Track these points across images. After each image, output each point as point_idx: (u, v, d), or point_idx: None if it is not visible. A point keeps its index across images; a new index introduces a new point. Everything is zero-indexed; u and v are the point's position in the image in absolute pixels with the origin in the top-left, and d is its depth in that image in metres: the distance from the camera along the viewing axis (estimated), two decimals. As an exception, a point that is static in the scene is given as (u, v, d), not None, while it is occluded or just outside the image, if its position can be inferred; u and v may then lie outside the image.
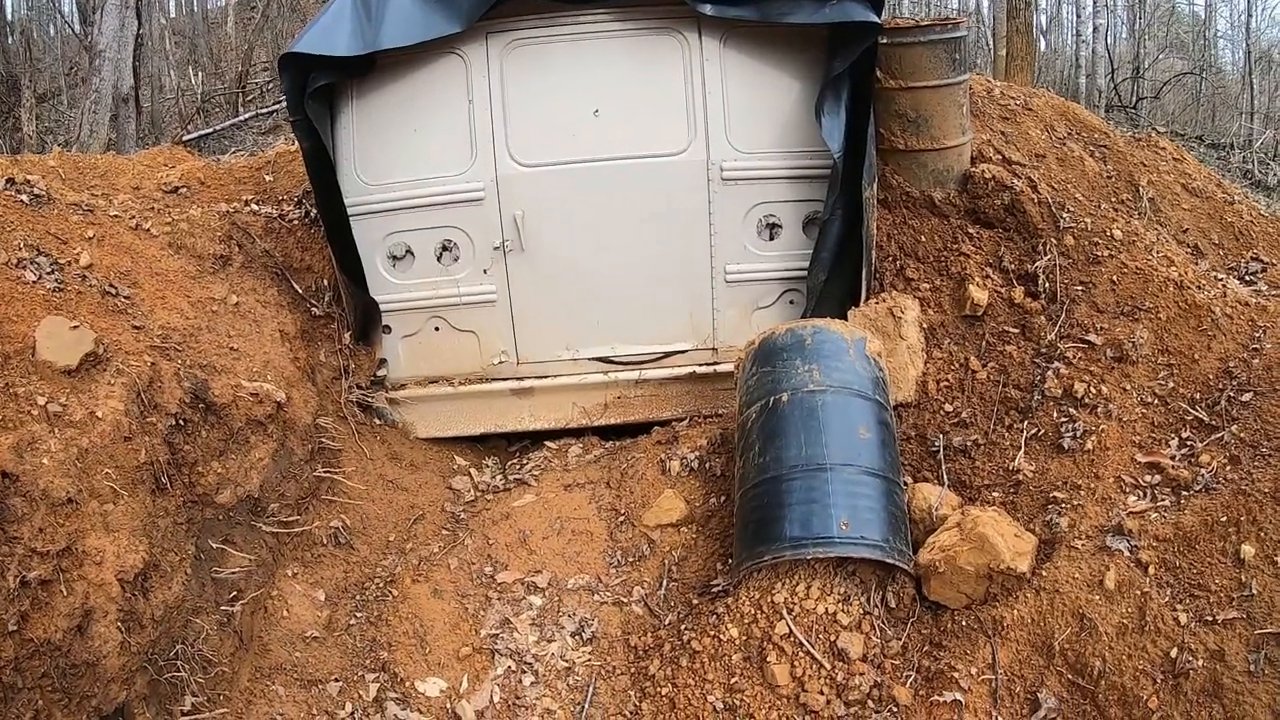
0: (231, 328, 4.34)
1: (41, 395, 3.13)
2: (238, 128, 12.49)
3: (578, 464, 4.94)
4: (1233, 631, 3.00)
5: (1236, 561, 3.16)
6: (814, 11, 4.42)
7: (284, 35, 15.45)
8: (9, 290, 3.40)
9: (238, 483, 3.86)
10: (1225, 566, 3.17)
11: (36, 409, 3.09)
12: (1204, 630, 3.05)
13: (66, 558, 2.96)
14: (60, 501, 2.97)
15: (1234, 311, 4.13)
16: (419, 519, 4.69)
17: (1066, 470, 3.88)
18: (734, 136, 4.80)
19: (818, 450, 3.77)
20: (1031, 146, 5.51)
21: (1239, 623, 3.02)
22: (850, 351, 4.06)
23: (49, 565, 2.88)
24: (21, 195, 4.07)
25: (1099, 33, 13.30)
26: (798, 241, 4.93)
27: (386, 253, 4.98)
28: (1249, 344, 3.95)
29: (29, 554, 2.84)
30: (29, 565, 2.83)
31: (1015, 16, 8.66)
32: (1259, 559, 3.12)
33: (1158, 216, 5.51)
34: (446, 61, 4.75)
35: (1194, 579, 3.20)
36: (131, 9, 10.71)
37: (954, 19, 4.94)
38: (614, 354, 5.13)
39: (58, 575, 2.92)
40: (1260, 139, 13.57)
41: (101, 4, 10.27)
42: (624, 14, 4.67)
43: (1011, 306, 4.64)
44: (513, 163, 4.83)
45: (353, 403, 4.97)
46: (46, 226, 3.95)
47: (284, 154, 6.33)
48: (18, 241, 3.70)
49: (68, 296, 3.58)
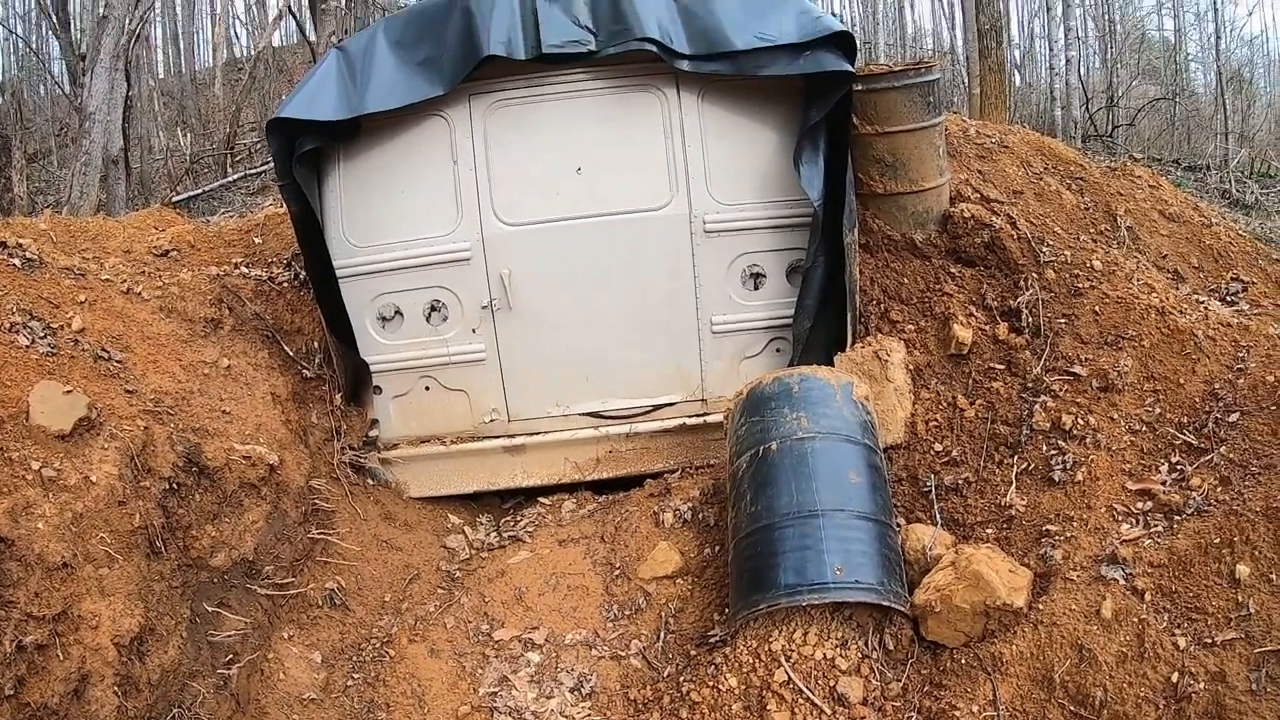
0: (223, 391, 4.37)
1: (36, 460, 3.15)
2: (226, 188, 12.58)
3: (571, 519, 4.93)
4: (1232, 652, 3.00)
5: (1232, 582, 3.17)
6: (789, 63, 4.51)
7: (271, 96, 15.64)
8: (2, 355, 3.43)
9: (232, 546, 3.87)
10: (1221, 587, 3.18)
11: (31, 474, 3.10)
12: (1204, 653, 3.05)
13: (62, 622, 2.97)
14: (56, 566, 2.98)
15: (1217, 333, 4.17)
16: (414, 578, 4.68)
17: (1058, 502, 3.89)
18: (715, 189, 4.86)
19: (809, 497, 3.78)
20: (1009, 183, 5.59)
21: (1238, 643, 3.02)
22: (837, 397, 4.09)
23: (45, 630, 2.89)
24: (13, 259, 4.10)
25: (1072, 64, 13.54)
26: (782, 290, 4.99)
27: (376, 314, 5.02)
28: (1233, 364, 3.99)
29: (25, 619, 2.85)
30: (25, 630, 2.84)
31: (987, 55, 8.82)
32: (1254, 577, 3.13)
33: (1136, 244, 5.58)
34: (431, 124, 4.83)
35: (1191, 602, 3.21)
36: (121, 71, 10.80)
37: (926, 62, 5.03)
38: (604, 409, 5.14)
39: (54, 640, 2.92)
40: (1236, 159, 13.76)
41: (91, 66, 10.35)
42: (603, 72, 4.76)
43: (996, 343, 4.68)
44: (498, 222, 4.89)
45: (345, 464, 4.98)
46: (39, 291, 3.98)
47: (273, 216, 6.39)
48: (10, 306, 3.73)
49: (60, 361, 3.61)
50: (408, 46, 4.66)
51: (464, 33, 4.57)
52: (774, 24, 4.52)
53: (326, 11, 11.30)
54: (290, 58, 19.57)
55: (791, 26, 4.51)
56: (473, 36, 4.53)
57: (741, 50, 4.50)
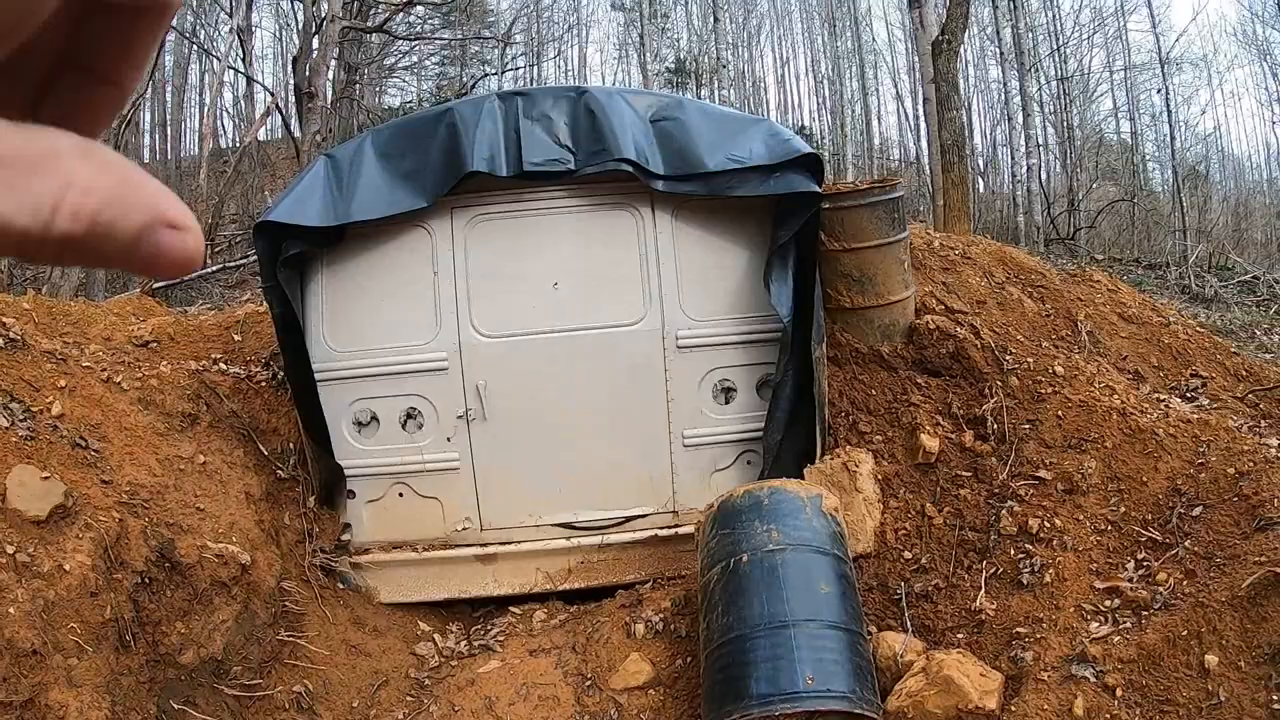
0: (198, 487, 4.36)
1: (10, 544, 3.15)
2: (205, 279, 12.64)
3: (542, 629, 4.89)
4: (1206, 740, 3.03)
5: (1202, 672, 3.22)
6: (759, 184, 4.67)
7: (254, 189, 15.85)
8: None
9: (201, 644, 3.83)
10: (1191, 678, 3.23)
11: (5, 557, 3.10)
12: (1177, 744, 3.07)
13: (29, 710, 2.93)
14: (25, 652, 2.96)
15: (1177, 430, 4.28)
16: (383, 685, 4.61)
17: (1027, 605, 3.94)
18: (687, 305, 4.97)
19: (780, 608, 3.81)
20: (972, 294, 5.78)
21: (1211, 731, 3.05)
22: (807, 509, 4.15)
23: (12, 716, 2.86)
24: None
25: (1033, 171, 14.08)
26: (752, 403, 5.06)
27: (352, 418, 5.05)
28: (1194, 459, 4.09)
29: None
30: None
31: (950, 170, 9.15)
32: (1223, 666, 3.19)
33: (1097, 348, 5.75)
34: (413, 234, 4.94)
35: (1161, 694, 3.25)
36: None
37: (891, 179, 5.24)
38: (577, 519, 5.14)
39: None
40: (1194, 253, 14.20)
41: (80, 148, 10.49)
42: (582, 190, 4.91)
43: (962, 451, 4.78)
44: (475, 333, 4.97)
45: (316, 566, 4.93)
46: (20, 372, 4.00)
47: (252, 313, 6.45)
48: None
49: (39, 445, 3.61)
50: (394, 158, 4.79)
51: (449, 148, 4.71)
52: (745, 146, 4.69)
53: (313, 109, 11.60)
54: (274, 152, 19.92)
55: (762, 148, 4.68)
56: (457, 152, 4.68)
57: (714, 171, 4.65)
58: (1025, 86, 17.85)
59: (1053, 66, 19.44)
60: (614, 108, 4.78)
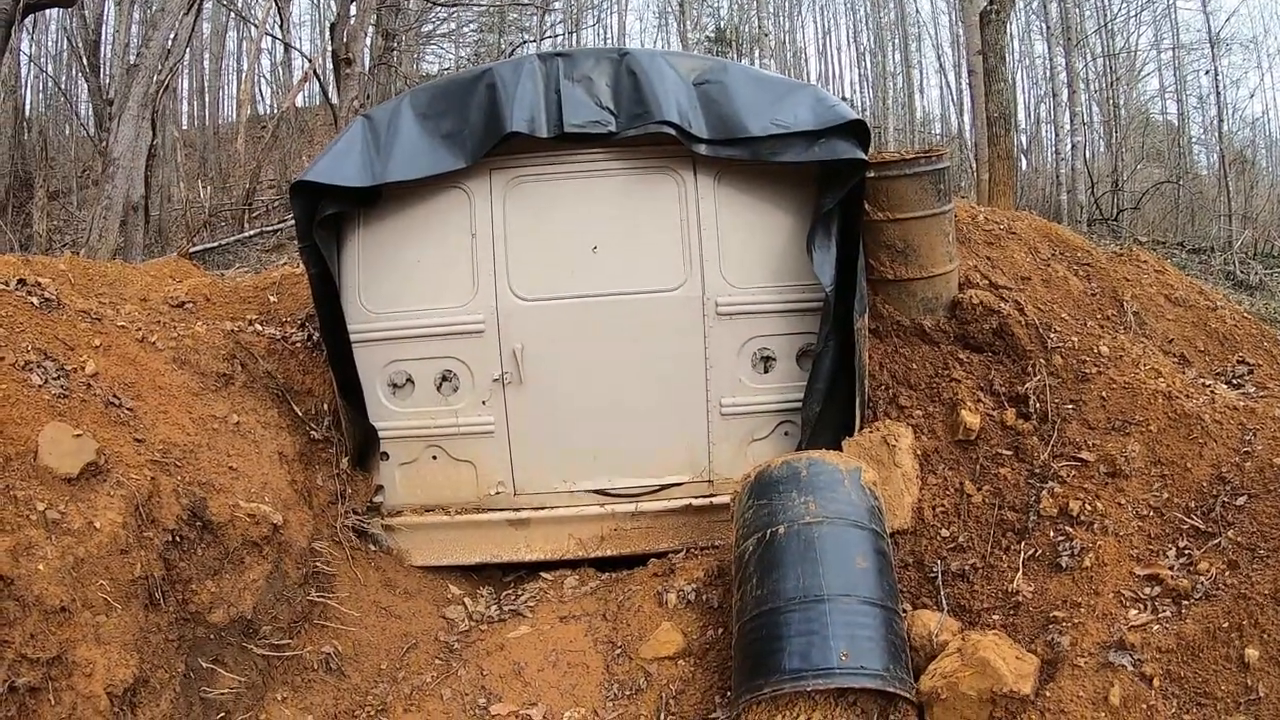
0: (231, 447, 4.37)
1: (41, 501, 3.15)
2: (242, 243, 12.75)
3: (574, 595, 4.89)
4: (1242, 735, 2.97)
5: (1241, 666, 3.15)
6: (803, 150, 4.59)
7: (291, 155, 15.93)
8: (14, 392, 3.44)
9: (231, 603, 3.84)
10: (1230, 672, 3.16)
11: (35, 514, 3.10)
12: (1213, 738, 3.01)
13: (56, 666, 2.94)
14: (53, 609, 2.97)
15: (1223, 417, 4.17)
16: (412, 647, 4.62)
17: (1065, 589, 3.86)
18: (728, 272, 4.91)
19: (815, 582, 3.76)
20: (1017, 269, 5.66)
21: (1248, 726, 2.98)
22: (845, 482, 4.09)
23: (38, 673, 2.87)
24: (32, 298, 4.13)
25: (1078, 149, 13.78)
26: (792, 373, 5.00)
27: (387, 380, 5.04)
28: (1240, 448, 3.98)
29: (19, 659, 2.83)
30: (18, 671, 2.82)
31: (996, 143, 8.97)
32: (1264, 661, 3.11)
33: (1143, 329, 5.62)
34: (451, 195, 4.90)
35: (1199, 687, 3.18)
36: (147, 120, 11.01)
37: (937, 150, 5.12)
38: (610, 486, 5.13)
39: (47, 684, 2.90)
40: (1240, 240, 13.88)
41: (119, 112, 10.55)
42: (623, 154, 4.85)
43: (1004, 429, 4.68)
44: (513, 296, 4.93)
45: (348, 528, 4.95)
46: (55, 331, 4.01)
47: (289, 275, 6.47)
48: (26, 344, 3.75)
49: (72, 404, 3.62)
50: (433, 118, 4.76)
51: (488, 108, 4.67)
52: (790, 111, 4.61)
53: (350, 76, 11.58)
54: (312, 119, 19.98)
55: (807, 114, 4.59)
56: (497, 112, 4.63)
57: (758, 136, 4.58)
58: (1071, 63, 17.42)
59: (1099, 43, 18.99)
60: (656, 69, 4.70)
